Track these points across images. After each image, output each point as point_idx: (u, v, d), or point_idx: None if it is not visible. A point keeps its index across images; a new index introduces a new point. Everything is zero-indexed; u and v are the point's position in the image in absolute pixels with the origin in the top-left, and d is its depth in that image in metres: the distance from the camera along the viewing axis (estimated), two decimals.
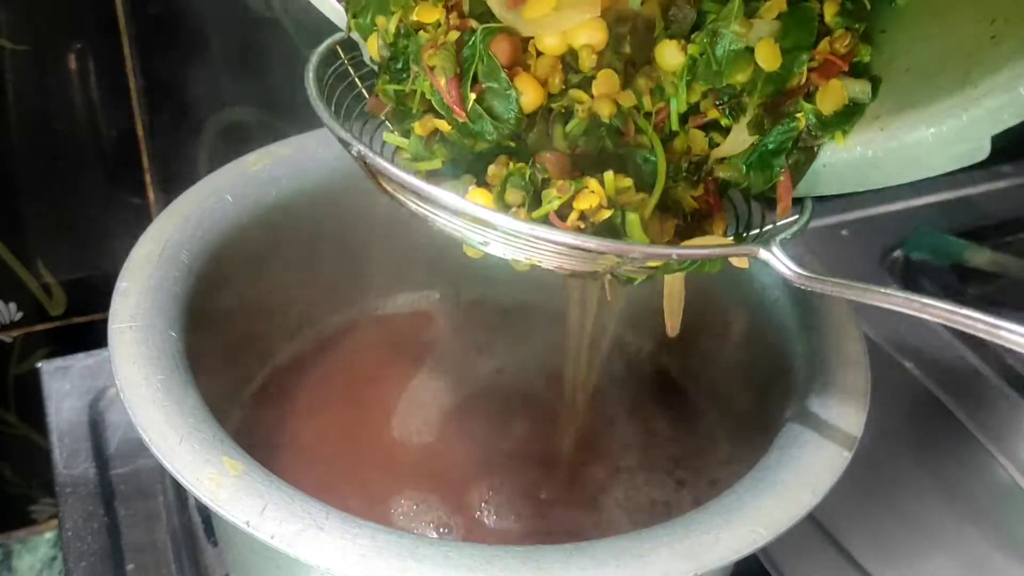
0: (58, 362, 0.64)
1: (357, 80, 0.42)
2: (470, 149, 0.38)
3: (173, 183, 0.65)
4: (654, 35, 0.38)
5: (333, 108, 0.40)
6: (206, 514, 0.55)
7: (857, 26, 0.37)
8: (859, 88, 0.37)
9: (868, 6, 0.38)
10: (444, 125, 0.38)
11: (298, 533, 0.33)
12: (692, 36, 0.37)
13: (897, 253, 0.74)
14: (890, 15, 0.38)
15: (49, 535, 0.79)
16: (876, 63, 0.38)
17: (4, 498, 0.76)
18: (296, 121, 0.51)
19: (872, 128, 0.37)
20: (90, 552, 0.53)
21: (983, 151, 0.33)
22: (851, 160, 0.37)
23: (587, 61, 0.37)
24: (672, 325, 0.40)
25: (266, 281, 0.51)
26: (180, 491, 0.57)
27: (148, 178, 0.67)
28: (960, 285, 0.71)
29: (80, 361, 0.64)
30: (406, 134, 0.39)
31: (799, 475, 0.38)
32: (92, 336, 0.69)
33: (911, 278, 0.71)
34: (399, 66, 0.39)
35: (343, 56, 0.42)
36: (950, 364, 0.66)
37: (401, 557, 0.33)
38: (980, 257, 0.72)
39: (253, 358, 0.54)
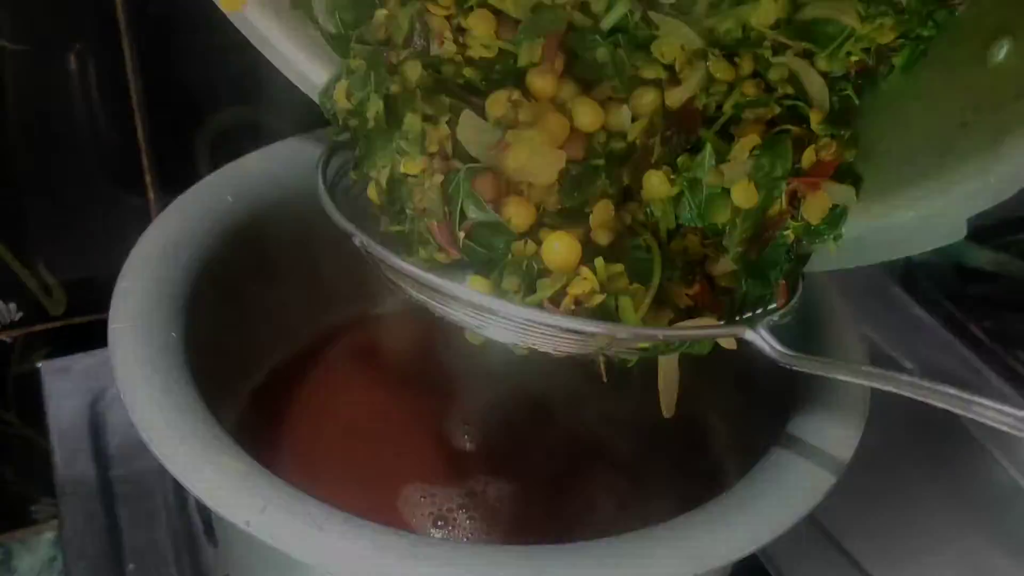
0: (58, 362, 0.64)
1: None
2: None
3: (173, 183, 0.65)
4: (652, 159, 0.38)
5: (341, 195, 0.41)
6: (206, 514, 0.55)
7: (843, 133, 0.37)
8: (843, 194, 0.37)
9: (856, 100, 0.38)
10: (443, 257, 0.39)
11: (298, 533, 0.33)
12: (679, 162, 0.38)
13: None
14: (874, 97, 0.38)
15: (49, 535, 0.79)
16: (859, 146, 0.38)
17: (4, 498, 0.76)
18: (296, 121, 0.51)
19: (856, 211, 0.37)
20: (90, 552, 0.53)
21: (960, 231, 0.34)
22: None
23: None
24: (667, 406, 0.41)
25: (266, 281, 0.51)
26: (180, 491, 0.57)
27: (148, 178, 0.67)
28: (960, 285, 0.71)
29: (80, 361, 0.64)
30: (412, 254, 0.40)
31: (799, 475, 0.38)
32: (92, 336, 0.69)
33: (911, 278, 0.71)
34: (397, 209, 0.40)
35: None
36: (950, 364, 0.66)
37: (401, 557, 0.33)
38: (980, 257, 0.72)
39: (253, 358, 0.54)
